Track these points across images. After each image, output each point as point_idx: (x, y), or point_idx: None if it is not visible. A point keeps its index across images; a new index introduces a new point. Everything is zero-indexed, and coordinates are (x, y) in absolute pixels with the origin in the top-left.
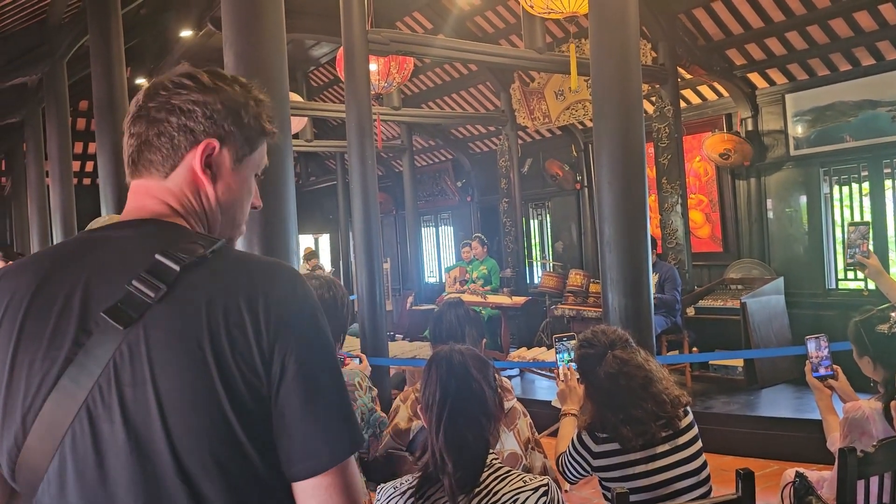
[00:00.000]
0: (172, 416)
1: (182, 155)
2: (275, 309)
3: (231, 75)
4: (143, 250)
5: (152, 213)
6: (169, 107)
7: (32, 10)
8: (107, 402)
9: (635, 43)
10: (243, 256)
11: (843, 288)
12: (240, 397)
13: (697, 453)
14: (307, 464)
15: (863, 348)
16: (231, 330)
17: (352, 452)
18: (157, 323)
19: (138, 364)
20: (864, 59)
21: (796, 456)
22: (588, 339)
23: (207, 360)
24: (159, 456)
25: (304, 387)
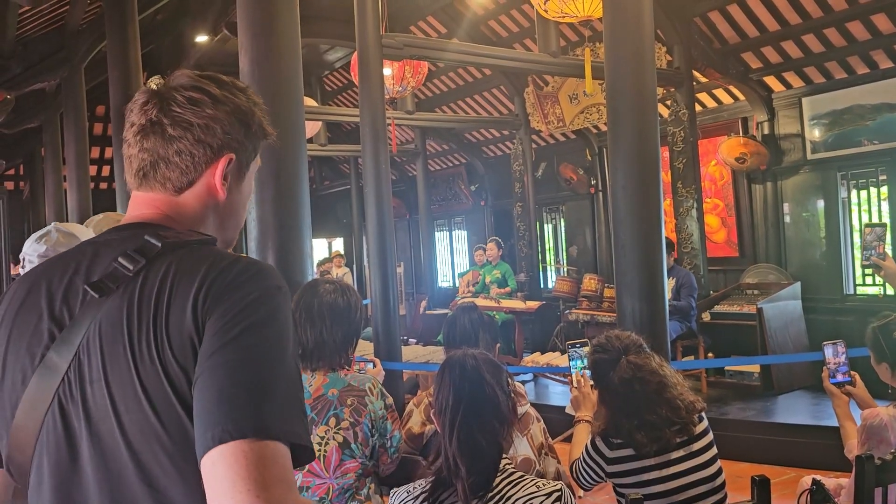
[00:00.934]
0: (125, 414)
1: (201, 172)
2: (214, 291)
3: (230, 80)
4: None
5: (150, 218)
6: (185, 124)
7: (51, 16)
8: (75, 398)
9: (650, 46)
10: (206, 249)
11: (861, 293)
12: (183, 390)
13: (712, 459)
14: (199, 442)
15: (880, 354)
16: (172, 320)
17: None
18: (108, 316)
19: (95, 360)
20: (882, 62)
21: (813, 463)
22: (602, 345)
23: (152, 352)
24: (119, 453)
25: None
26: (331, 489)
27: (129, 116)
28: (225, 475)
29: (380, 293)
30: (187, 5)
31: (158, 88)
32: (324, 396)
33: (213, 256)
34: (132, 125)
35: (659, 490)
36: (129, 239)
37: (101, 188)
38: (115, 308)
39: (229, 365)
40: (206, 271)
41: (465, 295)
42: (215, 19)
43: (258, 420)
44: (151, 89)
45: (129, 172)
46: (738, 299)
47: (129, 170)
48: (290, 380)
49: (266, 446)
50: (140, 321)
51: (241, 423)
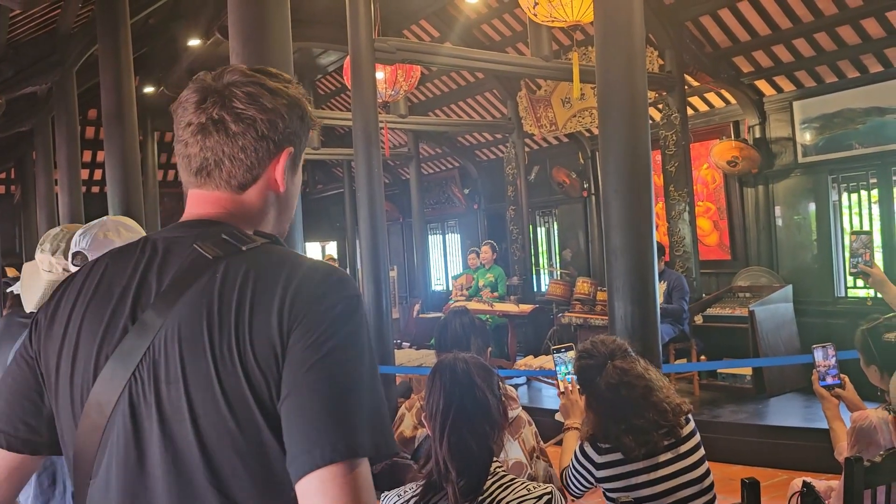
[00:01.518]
0: (202, 416)
1: (265, 167)
2: (301, 299)
3: (277, 72)
4: (191, 247)
5: (215, 216)
6: (249, 120)
7: (42, 19)
8: (148, 398)
9: (641, 50)
10: (284, 252)
11: (852, 296)
12: (263, 396)
13: (700, 461)
14: (302, 459)
15: (870, 357)
16: (255, 322)
17: (344, 456)
18: (188, 316)
19: (173, 360)
20: (872, 66)
21: (805, 465)
22: (587, 350)
23: (234, 355)
24: (191, 456)
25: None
26: None
27: (184, 116)
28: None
29: (373, 297)
30: (179, 9)
31: (214, 85)
32: None
33: (291, 261)
34: (189, 124)
35: (648, 493)
36: (201, 235)
37: (93, 192)
38: (194, 308)
39: (322, 383)
40: (288, 277)
41: (458, 298)
42: (208, 23)
43: (354, 441)
44: (205, 85)
45: (187, 171)
46: (730, 302)
47: (188, 169)
48: (377, 390)
49: (362, 466)
50: (222, 323)
51: (338, 445)
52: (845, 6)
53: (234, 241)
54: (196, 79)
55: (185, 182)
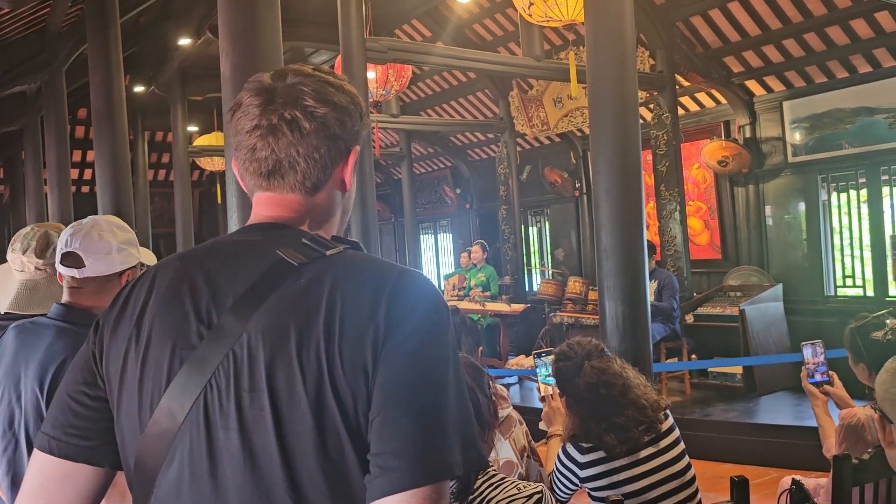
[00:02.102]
0: (287, 426)
1: (336, 167)
2: (395, 311)
3: (328, 69)
4: (269, 251)
5: (287, 220)
6: (321, 119)
7: (31, 19)
8: (224, 406)
9: (631, 50)
10: (370, 258)
11: (842, 295)
12: (349, 408)
13: (681, 455)
14: (381, 480)
15: (858, 355)
16: (346, 331)
17: (437, 479)
18: (274, 322)
19: (257, 368)
20: (861, 67)
21: (795, 463)
22: (564, 353)
23: (322, 365)
24: (272, 468)
25: (399, 392)
26: None
27: (247, 120)
28: None
29: None
30: (170, 8)
31: (277, 85)
32: None
33: (379, 268)
34: (257, 127)
35: (631, 489)
36: (279, 239)
37: (83, 192)
38: (280, 315)
39: (416, 400)
40: (379, 287)
41: (450, 298)
42: (198, 22)
43: (445, 461)
44: (267, 86)
45: (256, 175)
46: (720, 301)
47: (257, 173)
48: (466, 400)
49: (444, 486)
50: (310, 332)
51: (429, 468)
52: (834, 7)
53: (316, 246)
54: (252, 81)
55: (252, 186)
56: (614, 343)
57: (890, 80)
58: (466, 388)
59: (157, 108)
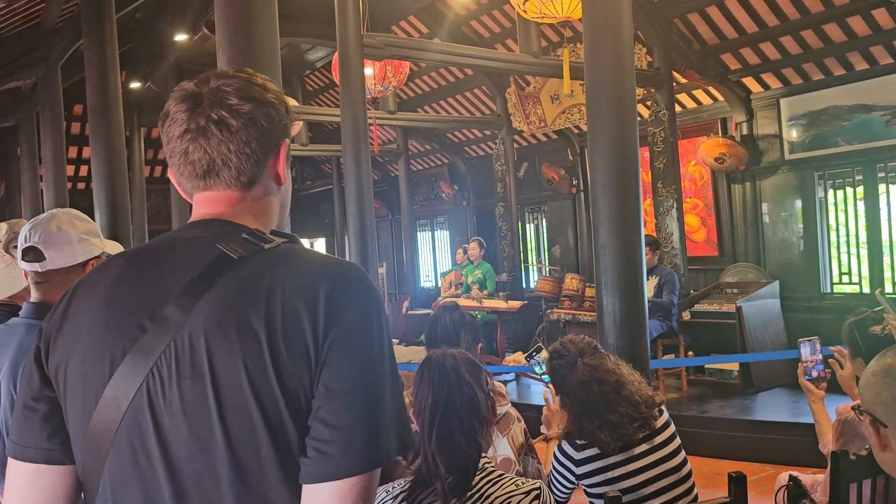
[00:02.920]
0: (229, 412)
1: (267, 161)
2: (334, 303)
3: (252, 70)
4: (210, 245)
5: (227, 215)
6: (248, 116)
7: (26, 14)
8: (167, 395)
9: (629, 47)
10: (309, 252)
11: (839, 292)
12: (293, 393)
13: (676, 450)
14: (321, 466)
15: (856, 350)
16: (287, 320)
17: (375, 466)
18: (215, 312)
19: (198, 356)
20: (858, 64)
21: (792, 460)
22: (557, 351)
23: (263, 354)
24: (216, 450)
25: (342, 381)
26: None
27: (176, 126)
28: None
29: None
30: (166, 4)
31: (201, 90)
32: None
33: (318, 260)
34: (187, 131)
35: (627, 485)
36: (220, 234)
37: (79, 188)
38: (220, 305)
39: (355, 388)
40: (318, 278)
41: (447, 295)
42: (195, 18)
43: (380, 449)
44: (193, 92)
45: (192, 177)
46: (717, 298)
47: (192, 174)
48: (399, 385)
49: (375, 474)
50: (252, 322)
51: (363, 458)
52: (831, 4)
53: (255, 240)
54: (178, 88)
55: (189, 188)
56: (611, 339)
57: (887, 78)
58: (398, 375)
59: (153, 104)
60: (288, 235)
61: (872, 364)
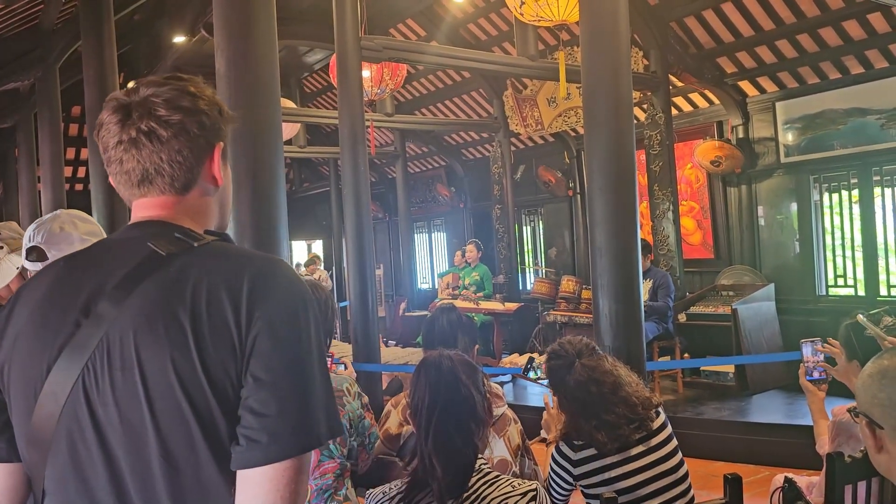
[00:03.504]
0: (157, 401)
1: (202, 166)
2: (256, 295)
3: (186, 76)
4: (142, 244)
5: (163, 217)
6: (178, 125)
7: (25, 15)
8: (101, 386)
9: (626, 51)
10: (237, 249)
11: (834, 294)
12: (219, 383)
13: (673, 452)
14: (251, 452)
15: (852, 352)
16: (212, 313)
17: (304, 450)
18: (144, 307)
19: (127, 348)
20: (854, 68)
21: (787, 462)
22: (555, 351)
23: (189, 345)
24: (146, 438)
25: (268, 371)
26: (309, 490)
27: (109, 137)
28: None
29: (358, 295)
30: (164, 5)
31: (131, 100)
32: None
33: (244, 257)
34: (119, 143)
35: (623, 486)
36: (154, 235)
37: (77, 189)
38: (149, 300)
39: (282, 377)
40: (242, 273)
41: (444, 297)
42: (193, 20)
43: (308, 434)
44: (125, 102)
45: (128, 186)
46: (713, 300)
47: (128, 183)
48: (327, 375)
49: (305, 458)
50: (177, 315)
51: (291, 443)
52: (827, 8)
53: (186, 238)
54: (110, 98)
55: (127, 196)
56: (607, 341)
57: (882, 82)
58: (326, 365)
59: None
60: (220, 234)
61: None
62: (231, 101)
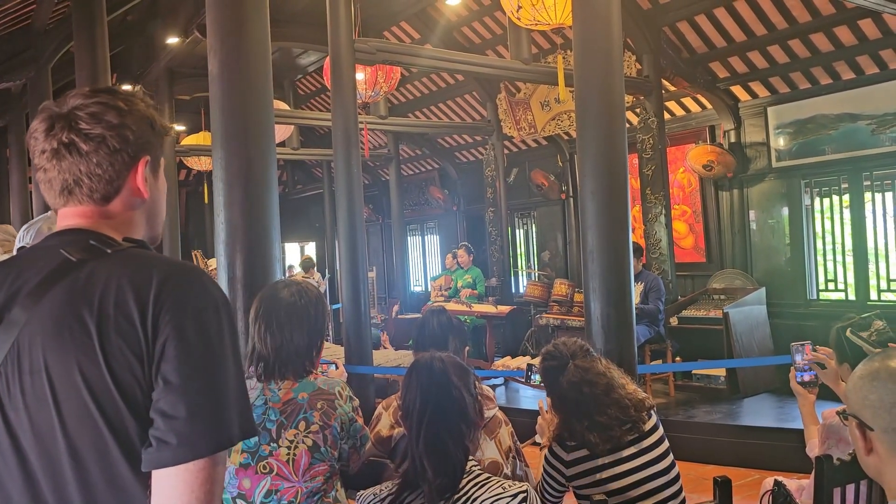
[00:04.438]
0: (64, 404)
1: (125, 178)
2: (163, 298)
3: (118, 88)
4: (57, 252)
5: (84, 226)
6: (98, 138)
7: (17, 15)
8: (12, 390)
9: (619, 55)
10: (149, 254)
11: (824, 298)
12: (127, 385)
13: (665, 453)
14: (161, 453)
15: (843, 355)
16: (119, 317)
17: (215, 450)
18: (52, 312)
19: (36, 352)
20: (845, 73)
21: (778, 465)
22: (550, 353)
23: (95, 349)
24: (55, 440)
25: (177, 374)
26: (299, 492)
27: (36, 145)
28: (178, 497)
29: (351, 297)
30: (158, 7)
31: (59, 111)
32: (293, 400)
33: (154, 262)
34: (43, 152)
35: (615, 487)
36: (69, 243)
37: None
38: (58, 304)
39: (190, 385)
40: (150, 278)
41: (437, 300)
42: (186, 21)
43: (219, 435)
44: (52, 113)
45: (50, 194)
46: (704, 304)
47: (51, 192)
48: (241, 376)
49: (219, 458)
50: (85, 319)
51: (200, 444)
52: (818, 14)
53: (100, 245)
54: (42, 108)
55: (52, 203)
56: (599, 344)
57: (873, 87)
58: (242, 366)
59: None
60: (137, 241)
61: (859, 368)
62: (224, 103)
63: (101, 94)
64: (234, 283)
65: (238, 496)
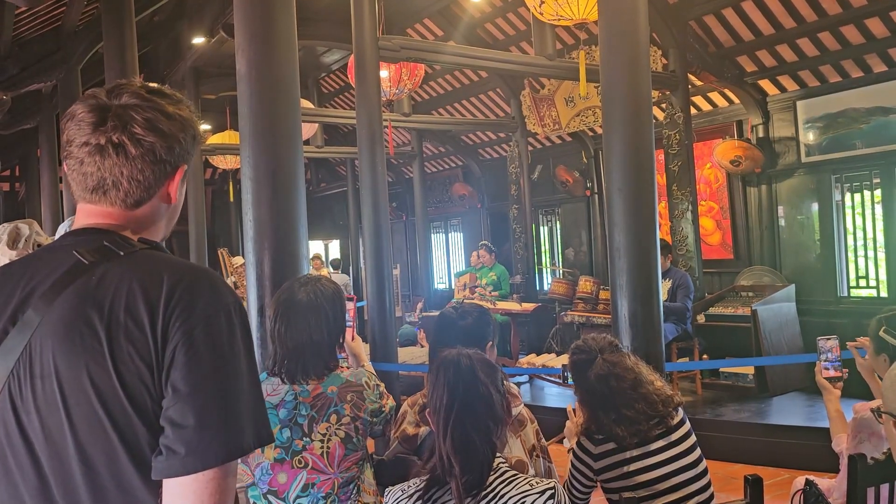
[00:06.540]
0: (74, 408)
1: (160, 186)
2: (174, 304)
3: (169, 91)
4: (70, 253)
5: (104, 226)
6: (148, 145)
7: (47, 17)
8: (24, 394)
9: (645, 50)
10: (162, 257)
11: (855, 296)
12: (136, 392)
13: (693, 447)
14: (170, 462)
15: (881, 345)
16: (129, 322)
17: (225, 460)
18: (63, 315)
19: (46, 355)
20: (876, 66)
21: (807, 464)
22: (579, 346)
23: (104, 354)
24: (65, 444)
25: (186, 382)
26: (336, 483)
27: (79, 134)
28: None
29: (375, 295)
30: (184, 7)
31: (111, 104)
32: (323, 394)
33: (168, 266)
34: (86, 144)
35: (643, 480)
36: (84, 242)
37: None
38: (70, 308)
39: (204, 387)
40: (162, 282)
41: (461, 297)
42: (212, 21)
43: (230, 445)
44: (103, 104)
45: (81, 188)
46: (732, 301)
47: (83, 185)
48: (256, 383)
49: (230, 467)
50: (95, 323)
51: (207, 455)
52: (849, 6)
53: (114, 247)
54: (89, 95)
55: (77, 195)
56: (626, 342)
57: None
58: (257, 373)
59: None
60: (152, 243)
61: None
62: (252, 102)
63: (157, 96)
64: (261, 281)
65: (269, 492)
